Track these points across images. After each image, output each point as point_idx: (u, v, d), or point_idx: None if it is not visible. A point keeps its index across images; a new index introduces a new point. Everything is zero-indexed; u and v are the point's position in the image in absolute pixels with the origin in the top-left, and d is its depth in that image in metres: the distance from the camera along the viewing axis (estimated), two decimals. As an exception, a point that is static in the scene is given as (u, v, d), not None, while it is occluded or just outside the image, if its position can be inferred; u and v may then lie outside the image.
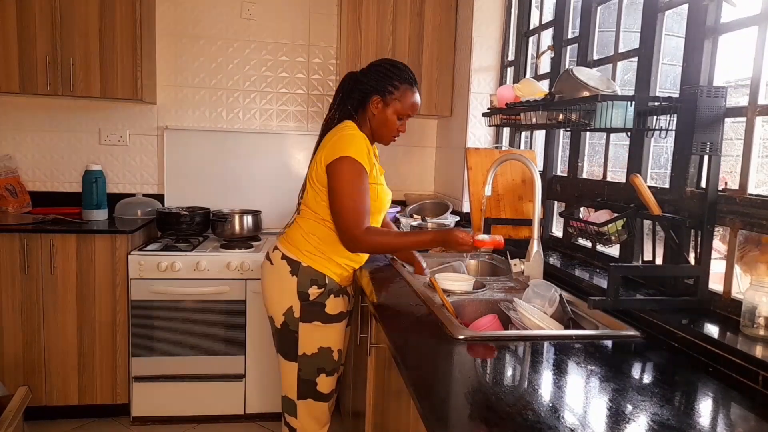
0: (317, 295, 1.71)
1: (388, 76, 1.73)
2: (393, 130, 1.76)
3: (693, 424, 0.90)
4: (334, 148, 1.63)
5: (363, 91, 1.74)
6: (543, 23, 2.43)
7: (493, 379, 1.07)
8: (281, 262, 1.73)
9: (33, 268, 2.50)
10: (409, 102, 1.74)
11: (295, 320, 1.71)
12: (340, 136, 1.66)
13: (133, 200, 2.96)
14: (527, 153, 2.37)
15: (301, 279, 1.70)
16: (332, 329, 1.75)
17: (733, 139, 1.44)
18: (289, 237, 1.77)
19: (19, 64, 2.59)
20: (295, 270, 1.71)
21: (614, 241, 1.56)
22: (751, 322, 1.17)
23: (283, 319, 1.73)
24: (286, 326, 1.73)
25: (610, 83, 1.59)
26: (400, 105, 1.73)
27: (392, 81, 1.72)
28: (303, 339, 1.72)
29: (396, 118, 1.74)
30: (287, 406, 1.80)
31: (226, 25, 3.06)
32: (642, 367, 1.17)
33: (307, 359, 1.73)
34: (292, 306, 1.71)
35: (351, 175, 1.60)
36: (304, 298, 1.70)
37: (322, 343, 1.74)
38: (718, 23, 1.41)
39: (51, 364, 2.56)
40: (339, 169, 1.60)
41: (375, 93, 1.72)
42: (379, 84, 1.72)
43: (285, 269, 1.71)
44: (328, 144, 1.66)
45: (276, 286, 1.74)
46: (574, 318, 1.54)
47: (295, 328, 1.72)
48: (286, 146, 3.14)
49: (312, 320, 1.72)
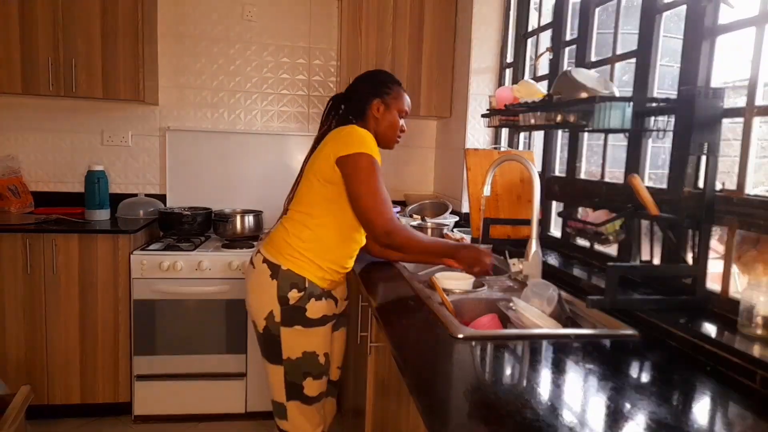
0: (297, 299, 1.66)
1: (380, 80, 1.78)
2: (397, 129, 1.80)
3: (690, 423, 0.91)
4: (347, 143, 1.60)
5: (360, 101, 1.76)
6: (541, 25, 2.44)
7: (493, 378, 1.08)
8: (262, 266, 1.69)
9: (35, 268, 2.51)
10: (404, 101, 1.80)
11: (276, 324, 1.68)
12: (350, 132, 1.64)
13: (135, 200, 2.98)
14: (526, 153, 2.38)
15: (281, 283, 1.66)
16: (314, 333, 1.70)
17: (730, 140, 1.44)
18: (272, 240, 1.73)
19: (22, 64, 2.60)
20: (275, 273, 1.66)
21: (612, 240, 1.56)
22: (748, 322, 1.18)
23: (265, 324, 1.69)
24: (268, 330, 1.69)
25: (609, 84, 1.60)
26: (399, 103, 1.77)
27: (386, 83, 1.77)
28: (285, 343, 1.69)
29: (398, 117, 1.79)
30: (277, 409, 1.77)
31: (228, 27, 3.07)
32: (640, 366, 1.18)
33: (291, 363, 1.70)
34: (273, 310, 1.67)
35: (371, 169, 1.59)
36: (284, 302, 1.66)
37: (305, 348, 1.70)
38: (716, 24, 1.42)
39: (53, 363, 2.57)
40: (359, 162, 1.58)
41: (374, 97, 1.75)
42: (374, 88, 1.75)
43: (265, 273, 1.68)
44: (336, 139, 1.63)
45: (257, 290, 1.71)
46: (573, 317, 1.55)
47: (277, 333, 1.68)
48: (287, 147, 3.15)
49: (293, 324, 1.68)
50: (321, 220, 1.67)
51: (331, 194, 1.65)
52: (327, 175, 1.63)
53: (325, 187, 1.65)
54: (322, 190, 1.65)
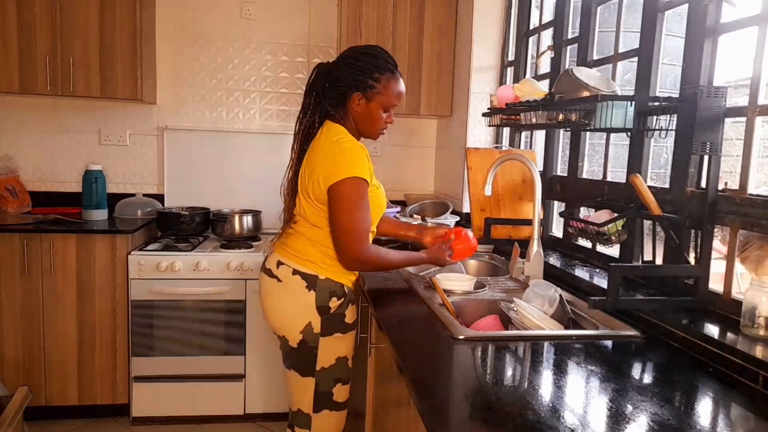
0: (338, 307, 1.62)
1: (366, 69, 1.57)
2: (379, 124, 1.63)
3: (693, 424, 0.91)
4: (337, 167, 1.51)
5: (339, 90, 1.59)
6: (543, 23, 2.43)
7: (493, 379, 1.07)
8: (293, 278, 1.61)
9: (33, 268, 2.50)
10: (393, 92, 1.60)
11: (315, 336, 1.61)
12: (340, 151, 1.53)
13: (133, 200, 2.96)
14: (527, 153, 2.37)
15: (319, 293, 1.59)
16: (349, 338, 1.67)
17: (733, 139, 1.44)
18: (295, 249, 1.64)
19: (19, 64, 2.59)
20: (312, 284, 1.60)
21: (614, 241, 1.56)
22: (751, 322, 1.17)
23: (301, 338, 1.61)
24: (304, 344, 1.62)
25: (610, 83, 1.59)
26: (383, 97, 1.59)
27: (371, 74, 1.57)
28: (322, 353, 1.63)
29: (381, 112, 1.61)
30: (299, 419, 1.69)
31: (226, 25, 3.06)
32: (642, 367, 1.17)
33: (324, 372, 1.64)
34: (311, 322, 1.60)
35: (356, 196, 1.51)
36: (324, 312, 1.60)
37: (339, 353, 1.65)
38: (718, 23, 1.41)
39: (51, 364, 2.55)
40: (343, 191, 1.51)
41: (354, 90, 1.58)
42: (356, 80, 1.57)
43: (299, 285, 1.60)
44: (324, 162, 1.54)
45: (288, 305, 1.63)
46: (574, 318, 1.55)
47: (315, 344, 1.62)
48: (286, 146, 3.08)
49: (333, 332, 1.62)
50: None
51: None
52: (322, 200, 1.57)
53: (324, 210, 1.59)
54: (325, 208, 1.58)
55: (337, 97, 1.61)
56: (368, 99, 1.59)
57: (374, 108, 1.60)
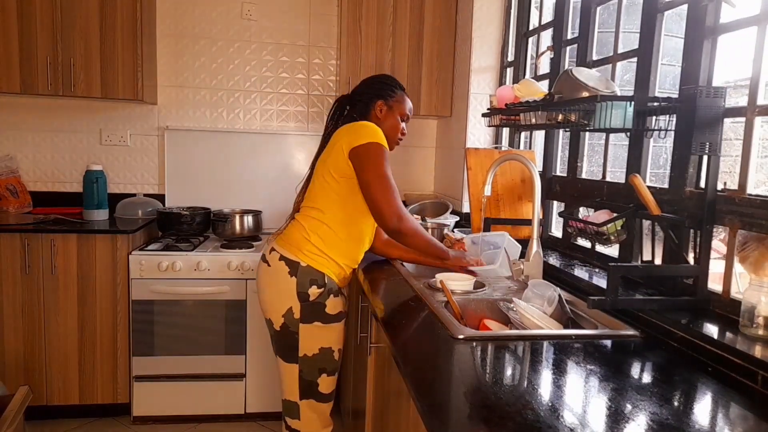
0: (317, 295, 1.71)
1: (386, 84, 1.86)
2: (398, 132, 1.85)
3: (692, 424, 0.91)
4: (360, 135, 1.65)
5: (365, 101, 1.82)
6: (542, 24, 2.43)
7: (493, 379, 1.07)
8: (279, 264, 1.72)
9: (34, 268, 2.50)
10: (407, 106, 1.86)
11: (295, 321, 1.71)
12: (362, 124, 1.70)
13: (133, 200, 2.97)
14: (527, 153, 2.38)
15: (300, 279, 1.69)
16: (332, 329, 1.75)
17: (732, 140, 1.44)
18: (288, 237, 1.75)
19: (20, 64, 2.60)
20: (294, 270, 1.69)
21: (613, 241, 1.56)
22: (750, 322, 1.18)
23: (283, 321, 1.72)
24: (286, 327, 1.72)
25: (610, 83, 1.60)
26: (401, 106, 1.84)
27: (391, 87, 1.85)
28: (303, 340, 1.72)
29: (399, 120, 1.84)
30: (288, 408, 1.80)
31: (227, 26, 3.07)
32: (641, 366, 1.17)
33: (308, 360, 1.73)
34: (292, 307, 1.70)
35: (381, 159, 1.63)
36: (304, 299, 1.70)
37: (322, 344, 1.74)
38: (718, 23, 1.42)
39: (52, 363, 2.56)
40: (369, 149, 1.62)
41: (378, 98, 1.81)
42: (379, 90, 1.83)
43: (283, 270, 1.70)
44: (348, 132, 1.68)
45: (273, 288, 1.73)
46: (574, 318, 1.55)
47: (296, 329, 1.71)
48: (286, 146, 3.14)
49: (312, 321, 1.71)
50: (336, 216, 1.71)
51: (345, 190, 1.69)
52: (341, 169, 1.66)
53: (339, 182, 1.68)
54: (336, 186, 1.68)
55: (361, 108, 1.83)
56: (390, 107, 1.82)
57: (395, 116, 1.83)
